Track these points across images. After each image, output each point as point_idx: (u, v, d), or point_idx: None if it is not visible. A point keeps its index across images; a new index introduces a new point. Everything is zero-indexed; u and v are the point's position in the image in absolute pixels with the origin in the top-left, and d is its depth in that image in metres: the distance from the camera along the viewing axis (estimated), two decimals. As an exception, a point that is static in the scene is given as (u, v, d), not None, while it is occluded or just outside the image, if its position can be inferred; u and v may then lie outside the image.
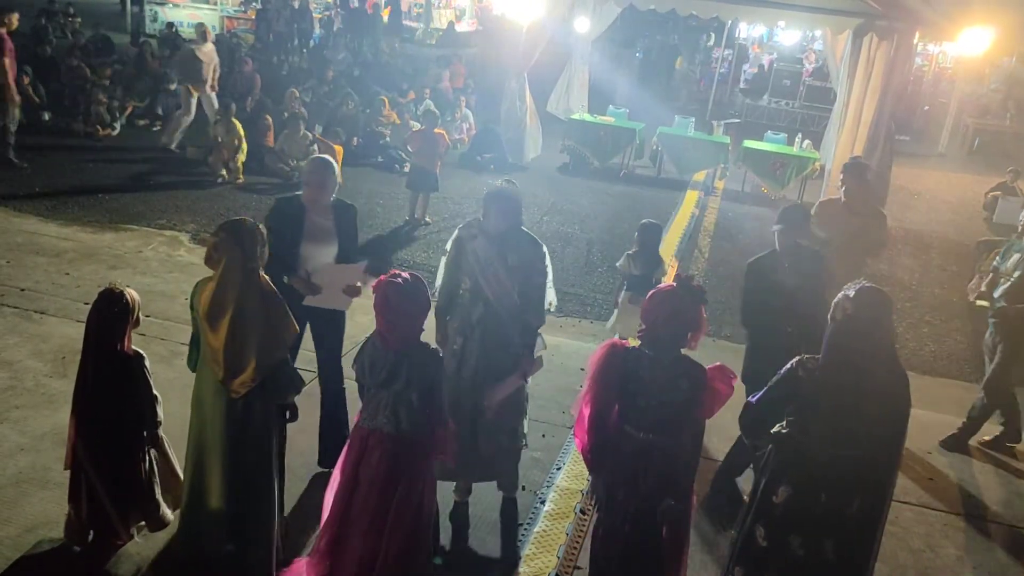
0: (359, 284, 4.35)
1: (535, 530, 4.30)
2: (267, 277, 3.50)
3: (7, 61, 8.93)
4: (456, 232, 4.21)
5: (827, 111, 14.79)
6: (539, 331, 4.21)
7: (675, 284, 3.24)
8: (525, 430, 4.33)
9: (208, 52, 11.07)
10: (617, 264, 6.18)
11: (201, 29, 10.87)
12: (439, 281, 4.30)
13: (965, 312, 8.44)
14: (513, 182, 4.40)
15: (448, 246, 4.25)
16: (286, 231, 4.24)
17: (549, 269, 4.28)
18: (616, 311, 6.05)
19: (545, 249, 4.26)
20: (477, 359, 4.07)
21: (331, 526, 3.43)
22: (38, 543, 3.79)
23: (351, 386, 3.75)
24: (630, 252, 6.00)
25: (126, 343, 3.64)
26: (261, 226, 3.53)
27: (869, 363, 3.01)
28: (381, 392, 3.34)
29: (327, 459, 4.37)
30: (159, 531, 3.82)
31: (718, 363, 3.26)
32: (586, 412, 3.32)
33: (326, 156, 4.47)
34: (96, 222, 8.14)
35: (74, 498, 3.70)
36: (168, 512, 3.84)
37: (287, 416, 3.65)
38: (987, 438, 5.70)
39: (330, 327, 4.47)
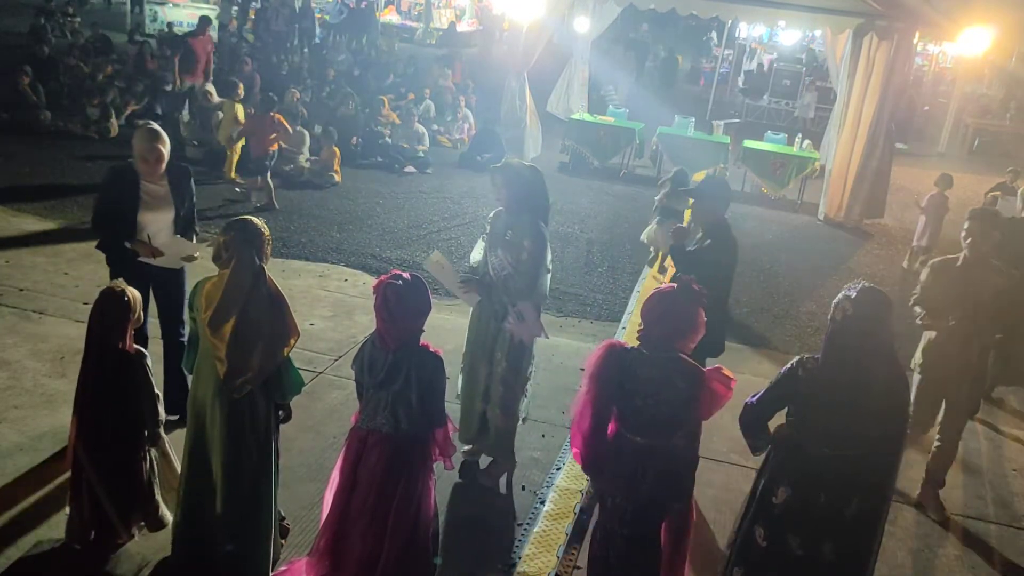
0: (197, 255, 4.59)
1: (535, 530, 4.29)
2: (272, 278, 3.49)
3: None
4: (494, 211, 4.52)
5: (827, 110, 14.82)
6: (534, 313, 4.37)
7: (675, 285, 3.23)
8: (522, 410, 4.60)
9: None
10: (655, 198, 8.27)
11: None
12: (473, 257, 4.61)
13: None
14: (527, 164, 4.51)
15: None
16: (121, 200, 4.40)
17: (548, 258, 4.38)
18: (648, 227, 8.27)
19: (544, 233, 4.34)
20: (471, 329, 4.50)
21: (330, 526, 3.43)
22: (38, 543, 3.78)
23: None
24: (665, 191, 8.07)
25: (127, 342, 3.64)
26: (265, 224, 3.52)
27: (869, 363, 3.01)
28: (380, 392, 3.33)
29: (176, 408, 4.37)
30: (158, 531, 3.82)
31: (716, 365, 3.26)
32: (583, 422, 3.30)
33: (155, 126, 4.51)
34: (96, 222, 8.13)
35: (75, 498, 3.70)
36: (167, 512, 3.84)
37: (281, 415, 3.65)
38: None
39: (171, 284, 4.65)
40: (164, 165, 4.45)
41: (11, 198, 8.48)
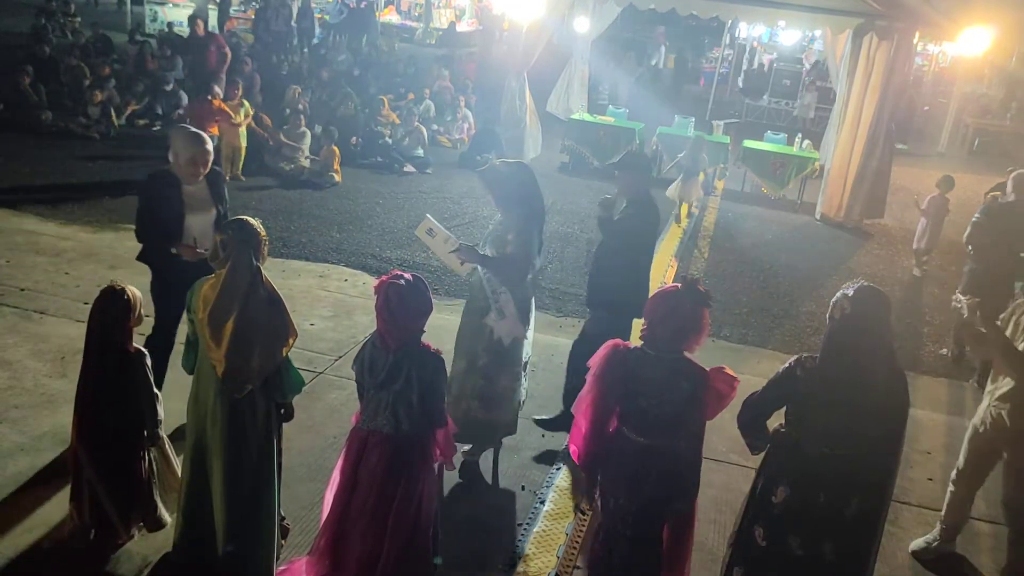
0: None
1: (535, 530, 4.30)
2: (268, 279, 3.49)
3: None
4: None
5: (827, 110, 14.82)
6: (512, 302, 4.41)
7: (680, 285, 3.24)
8: (509, 410, 4.56)
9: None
10: (678, 156, 10.66)
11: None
12: None
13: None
14: (511, 162, 4.57)
15: None
16: (167, 205, 4.42)
17: (533, 254, 4.43)
18: (675, 184, 10.20)
19: (530, 228, 4.39)
20: (460, 324, 4.56)
21: (331, 526, 3.43)
22: (38, 543, 3.78)
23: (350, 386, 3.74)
24: (683, 154, 10.53)
25: (127, 341, 3.64)
26: (261, 224, 3.52)
27: (868, 362, 3.01)
28: (380, 393, 3.33)
29: None
30: (157, 531, 3.83)
31: (720, 365, 3.26)
32: (583, 421, 3.30)
33: (196, 130, 4.53)
34: (96, 222, 8.13)
35: (76, 498, 3.71)
36: (165, 513, 3.85)
37: (283, 414, 3.65)
38: None
39: None
40: (209, 167, 4.48)
41: (12, 197, 8.48)
